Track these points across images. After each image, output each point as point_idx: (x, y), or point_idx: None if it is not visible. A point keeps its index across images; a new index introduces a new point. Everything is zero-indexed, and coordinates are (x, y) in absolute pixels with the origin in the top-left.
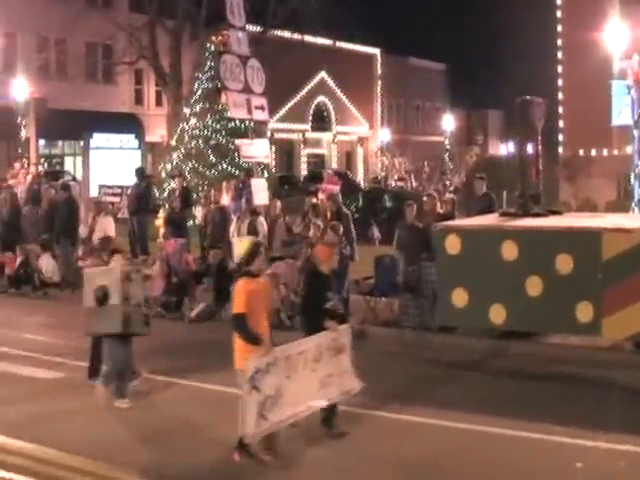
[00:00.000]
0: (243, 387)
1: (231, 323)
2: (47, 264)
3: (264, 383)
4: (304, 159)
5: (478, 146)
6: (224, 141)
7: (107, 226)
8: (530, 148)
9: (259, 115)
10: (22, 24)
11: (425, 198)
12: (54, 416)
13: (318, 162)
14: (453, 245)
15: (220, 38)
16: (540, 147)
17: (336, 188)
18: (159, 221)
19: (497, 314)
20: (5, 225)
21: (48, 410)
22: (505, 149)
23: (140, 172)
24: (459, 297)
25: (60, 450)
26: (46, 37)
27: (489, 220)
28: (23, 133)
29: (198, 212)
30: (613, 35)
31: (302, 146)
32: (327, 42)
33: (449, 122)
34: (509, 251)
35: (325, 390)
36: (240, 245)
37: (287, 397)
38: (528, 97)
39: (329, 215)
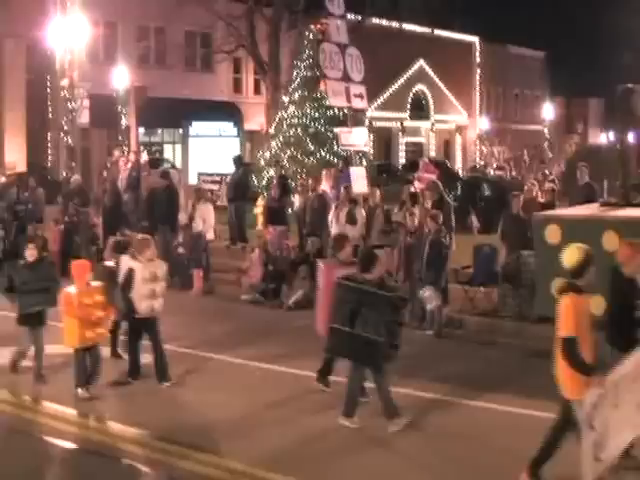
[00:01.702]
0: (582, 428)
1: (559, 347)
2: None
3: (596, 419)
4: (402, 147)
5: (578, 135)
6: (323, 129)
7: (206, 213)
8: (632, 137)
9: (358, 103)
10: (122, 14)
11: (526, 187)
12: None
13: (416, 151)
14: (553, 235)
15: (319, 26)
16: None
17: (433, 176)
18: (258, 209)
19: (597, 305)
20: (107, 212)
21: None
22: (605, 138)
23: (238, 160)
24: None
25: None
26: (146, 26)
27: (590, 210)
28: (123, 121)
29: (296, 200)
30: None
31: (400, 134)
32: (426, 30)
33: (548, 110)
34: (610, 242)
35: None
36: (568, 252)
37: (613, 429)
38: (630, 85)
39: (430, 203)
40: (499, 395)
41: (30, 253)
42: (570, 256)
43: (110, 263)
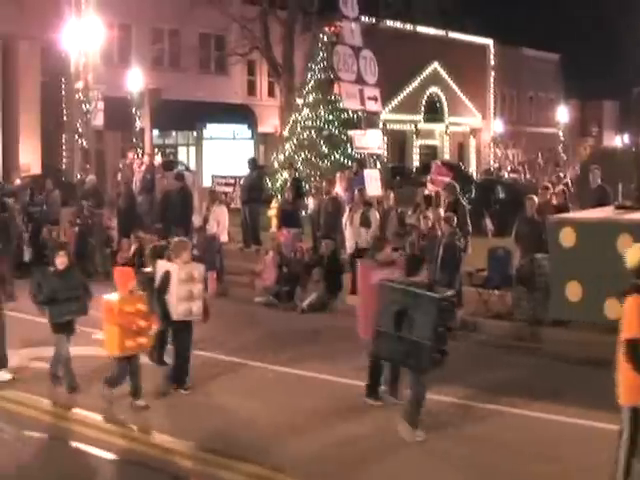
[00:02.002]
0: (624, 431)
1: (622, 350)
2: None
3: None
4: (416, 150)
5: (592, 138)
6: (336, 132)
7: (220, 216)
8: None
9: (372, 106)
10: (136, 16)
11: (540, 190)
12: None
13: (430, 153)
14: (568, 238)
15: (333, 29)
16: None
17: (447, 179)
18: (272, 211)
19: (612, 309)
20: (122, 214)
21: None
22: (620, 141)
23: (252, 162)
24: (573, 291)
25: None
26: (160, 29)
27: (605, 213)
28: (137, 124)
29: (310, 202)
30: None
31: (414, 137)
32: (440, 33)
33: (563, 113)
34: (625, 245)
35: None
36: (631, 252)
37: None
38: None
39: (445, 206)
40: (516, 399)
41: (61, 261)
42: (633, 256)
43: (150, 269)
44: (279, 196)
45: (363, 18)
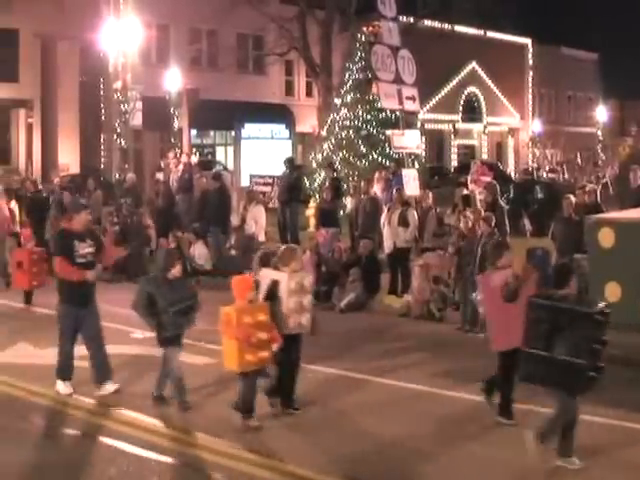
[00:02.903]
0: None
1: None
2: (200, 252)
3: None
4: (454, 150)
5: (632, 137)
6: (374, 131)
7: (258, 215)
8: None
9: (410, 106)
10: (175, 16)
11: (578, 191)
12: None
13: (468, 153)
14: (606, 238)
15: (371, 29)
16: None
17: (489, 179)
18: (310, 211)
19: None
20: (160, 213)
21: (202, 395)
22: None
23: (290, 162)
24: (612, 291)
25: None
26: (198, 29)
27: None
28: (176, 123)
29: (348, 202)
30: None
31: (452, 137)
32: (478, 32)
33: (602, 113)
34: None
35: None
36: None
37: None
38: None
39: (483, 206)
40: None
41: (177, 270)
42: None
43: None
44: (317, 196)
45: (401, 18)
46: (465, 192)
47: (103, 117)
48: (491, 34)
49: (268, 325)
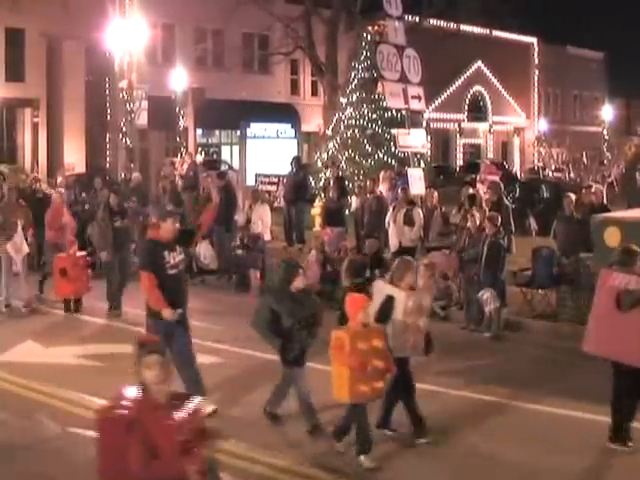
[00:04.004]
0: None
1: None
2: (205, 251)
3: None
4: (460, 149)
5: (638, 137)
6: (380, 131)
7: (264, 214)
8: None
9: (416, 105)
10: (180, 16)
11: (584, 190)
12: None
13: (474, 152)
14: (612, 237)
15: (376, 28)
16: None
17: (496, 178)
18: (315, 210)
19: None
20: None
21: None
22: None
23: (296, 161)
24: None
25: None
26: (204, 28)
27: None
28: (181, 123)
29: (354, 201)
30: None
31: (458, 136)
32: (483, 31)
33: (608, 112)
34: None
35: None
36: None
37: None
38: None
39: (488, 205)
40: (563, 398)
41: (300, 280)
42: None
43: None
44: (322, 195)
45: (407, 17)
46: (471, 191)
47: (109, 116)
48: (497, 33)
49: (384, 352)
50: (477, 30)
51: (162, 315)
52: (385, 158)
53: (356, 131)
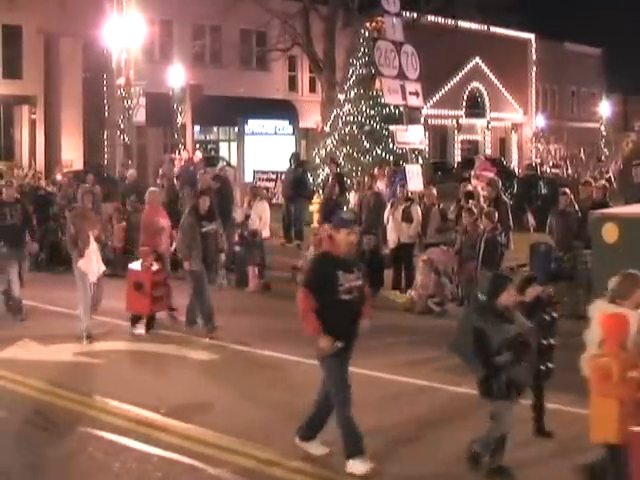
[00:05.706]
0: None
1: None
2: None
3: None
4: (458, 145)
5: (635, 132)
6: (378, 127)
7: (262, 211)
8: None
9: (413, 101)
10: (178, 12)
11: (581, 186)
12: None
13: (472, 148)
14: (610, 233)
15: (374, 24)
16: None
17: (491, 174)
18: (314, 206)
19: None
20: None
21: (203, 391)
22: None
23: (295, 158)
24: None
25: (216, 431)
26: (201, 25)
27: None
28: (179, 119)
29: (352, 198)
30: None
31: (456, 132)
32: (481, 28)
33: (605, 108)
34: None
35: None
36: None
37: None
38: None
39: (487, 201)
40: (558, 394)
41: (507, 296)
42: None
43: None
44: (321, 191)
45: (404, 13)
46: (469, 188)
47: (106, 113)
48: (494, 29)
49: None
50: (475, 26)
51: (323, 348)
52: (383, 154)
53: (354, 127)
